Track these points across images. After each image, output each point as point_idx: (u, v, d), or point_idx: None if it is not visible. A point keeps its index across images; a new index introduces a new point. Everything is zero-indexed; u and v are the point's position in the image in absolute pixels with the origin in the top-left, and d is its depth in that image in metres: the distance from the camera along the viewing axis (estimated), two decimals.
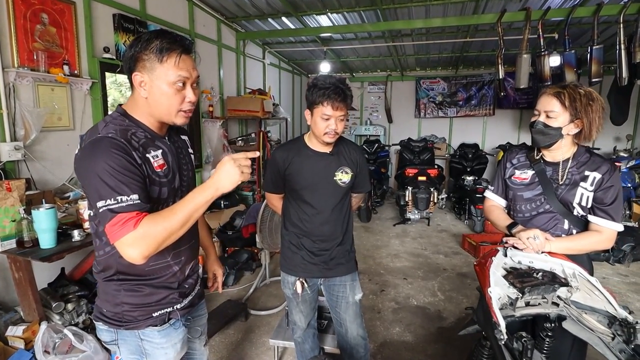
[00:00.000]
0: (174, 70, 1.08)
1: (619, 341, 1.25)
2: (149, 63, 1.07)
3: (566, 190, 1.51)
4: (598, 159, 1.51)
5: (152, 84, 1.09)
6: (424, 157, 6.53)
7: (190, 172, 1.30)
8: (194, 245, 1.33)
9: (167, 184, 1.15)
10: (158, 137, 1.17)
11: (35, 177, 2.65)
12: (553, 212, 1.54)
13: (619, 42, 4.06)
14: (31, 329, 2.17)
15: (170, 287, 1.22)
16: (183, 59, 1.09)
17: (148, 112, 1.13)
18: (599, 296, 1.35)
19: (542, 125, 1.49)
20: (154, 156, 1.11)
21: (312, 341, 2.03)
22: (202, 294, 1.45)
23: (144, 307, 1.17)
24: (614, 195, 1.46)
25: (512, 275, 1.39)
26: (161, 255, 1.15)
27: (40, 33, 2.66)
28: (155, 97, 1.10)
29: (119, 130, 1.06)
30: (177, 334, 1.25)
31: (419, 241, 4.89)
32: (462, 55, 6.61)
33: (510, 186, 1.66)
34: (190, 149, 1.36)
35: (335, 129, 1.59)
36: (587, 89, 1.47)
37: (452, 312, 3.04)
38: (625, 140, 6.48)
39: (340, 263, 1.80)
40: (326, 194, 1.72)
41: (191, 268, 1.31)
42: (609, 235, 1.49)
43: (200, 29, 4.50)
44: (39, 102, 2.67)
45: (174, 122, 1.15)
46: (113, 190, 0.98)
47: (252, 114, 4.88)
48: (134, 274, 1.15)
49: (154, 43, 1.06)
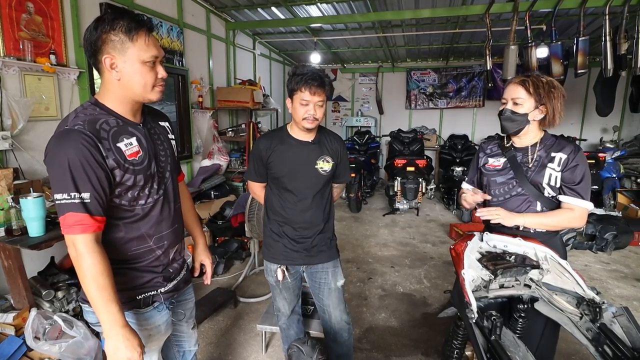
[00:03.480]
0: (145, 49, 1.09)
1: (586, 320, 1.32)
2: (119, 44, 1.06)
3: (535, 172, 1.60)
4: (563, 141, 1.62)
5: (125, 64, 1.08)
6: (414, 148, 6.59)
7: (169, 157, 1.30)
8: (178, 230, 1.35)
9: (142, 171, 1.15)
10: (132, 124, 1.17)
11: (24, 167, 2.65)
12: (525, 194, 1.62)
13: (604, 33, 4.11)
14: (21, 316, 2.20)
15: (154, 270, 1.25)
16: (150, 37, 1.11)
17: (122, 95, 1.13)
18: (569, 278, 1.42)
19: (510, 112, 1.59)
20: (127, 144, 1.11)
21: (297, 327, 2.08)
22: (189, 279, 1.48)
23: (127, 291, 1.19)
24: (581, 174, 1.55)
25: (485, 258, 1.45)
26: (143, 240, 1.20)
27: (26, 22, 2.64)
28: (129, 76, 1.09)
29: (88, 122, 1.06)
30: (160, 316, 1.28)
31: (408, 231, 4.97)
32: (452, 46, 6.64)
33: (484, 173, 1.75)
34: (170, 135, 1.36)
35: (314, 114, 1.63)
36: (548, 78, 1.58)
37: (437, 299, 3.12)
38: (611, 132, 6.60)
39: (321, 250, 1.84)
40: (307, 181, 1.76)
41: (176, 251, 1.34)
42: (580, 213, 1.57)
43: (189, 18, 4.47)
44: (25, 92, 2.65)
45: (150, 98, 1.15)
46: (68, 185, 1.01)
47: (242, 105, 4.88)
48: (117, 258, 1.16)
49: (120, 23, 1.05)
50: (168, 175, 1.29)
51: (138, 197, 1.16)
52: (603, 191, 5.36)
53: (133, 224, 1.18)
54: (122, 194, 1.13)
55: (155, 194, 1.22)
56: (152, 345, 1.28)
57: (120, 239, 1.17)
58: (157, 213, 1.23)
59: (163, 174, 1.26)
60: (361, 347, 2.48)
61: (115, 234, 1.16)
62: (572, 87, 6.25)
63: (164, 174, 1.26)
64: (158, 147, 1.26)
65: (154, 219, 1.22)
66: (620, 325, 1.25)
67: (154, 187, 1.20)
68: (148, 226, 1.21)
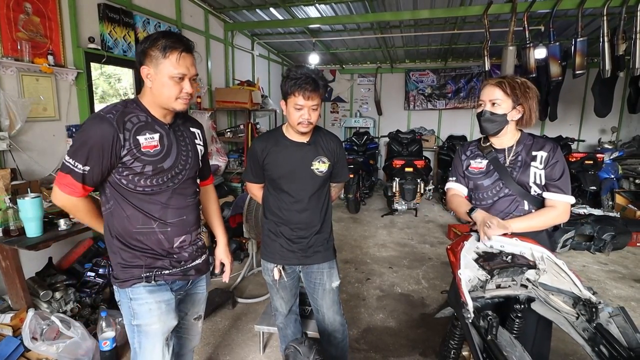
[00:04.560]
0: (174, 66, 1.27)
1: (582, 320, 1.32)
2: (155, 59, 1.27)
3: (521, 172, 1.63)
4: (541, 140, 1.67)
5: (156, 76, 1.29)
6: (412, 149, 6.59)
7: (191, 159, 1.44)
8: (186, 222, 1.45)
9: (152, 162, 1.31)
10: (159, 123, 1.36)
11: (21, 168, 2.65)
12: (512, 194, 1.64)
13: (602, 34, 4.13)
14: (19, 317, 2.20)
15: (158, 254, 1.39)
16: (183, 56, 1.29)
17: (152, 100, 1.34)
18: (565, 278, 1.42)
19: (490, 113, 1.63)
20: (147, 138, 1.30)
21: (294, 326, 2.08)
22: (202, 270, 1.56)
23: (133, 268, 1.36)
24: (561, 170, 1.59)
25: (482, 259, 1.45)
26: (147, 221, 1.36)
27: (24, 23, 2.64)
28: (158, 87, 1.30)
29: (120, 113, 1.27)
30: (161, 294, 1.40)
31: (406, 231, 4.97)
32: (450, 47, 6.66)
33: (469, 177, 1.76)
34: (198, 141, 1.52)
35: (308, 118, 1.62)
36: (522, 79, 1.63)
37: (435, 299, 3.12)
38: (610, 133, 6.61)
39: (317, 251, 1.83)
40: (303, 183, 1.75)
41: (183, 241, 1.44)
42: (564, 208, 1.59)
43: (187, 19, 4.47)
44: (23, 93, 2.66)
45: (174, 107, 1.33)
46: (75, 153, 1.23)
47: (241, 106, 4.88)
48: (124, 234, 1.35)
49: (160, 41, 1.26)
50: (184, 173, 1.42)
51: (142, 182, 1.32)
52: (601, 192, 5.36)
53: (138, 202, 1.34)
54: (129, 177, 1.30)
55: (163, 185, 1.36)
56: (153, 323, 1.38)
57: (128, 216, 1.35)
58: (162, 200, 1.37)
59: (180, 171, 1.40)
60: (359, 348, 2.48)
61: (125, 210, 1.34)
62: (570, 88, 6.27)
63: (181, 171, 1.40)
64: (181, 148, 1.41)
65: (159, 204, 1.37)
66: (617, 325, 1.25)
67: (162, 178, 1.35)
68: (152, 209, 1.36)
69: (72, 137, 1.24)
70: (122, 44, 3.50)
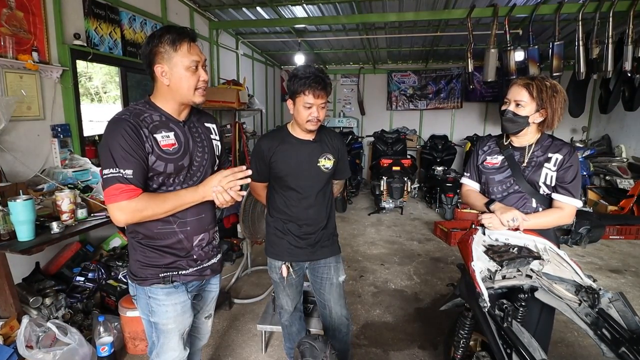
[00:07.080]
0: (187, 56, 1.27)
1: (585, 306, 1.40)
2: (166, 54, 1.26)
3: (532, 172, 1.68)
4: (559, 143, 1.70)
5: (172, 71, 1.28)
6: (397, 148, 6.70)
7: (207, 154, 1.43)
8: (204, 220, 1.44)
9: (173, 160, 1.31)
10: (174, 121, 1.35)
11: (6, 169, 2.52)
12: (522, 192, 1.70)
13: (577, 38, 4.34)
14: (9, 325, 2.10)
15: (177, 254, 1.38)
16: (192, 45, 1.29)
17: (170, 97, 1.33)
18: (567, 267, 1.50)
19: (512, 114, 1.65)
20: (163, 136, 1.29)
21: (299, 324, 2.10)
22: (217, 269, 1.56)
23: (152, 267, 1.36)
24: (574, 174, 1.64)
25: (491, 251, 1.51)
26: (167, 222, 1.34)
27: (6, 17, 2.52)
28: (176, 81, 1.29)
29: (134, 113, 1.27)
30: (178, 295, 1.41)
31: (394, 229, 5.05)
32: (432, 49, 6.81)
33: (482, 171, 1.81)
34: (214, 136, 1.50)
35: (317, 116, 1.66)
36: (552, 81, 1.64)
37: (428, 294, 3.20)
38: (581, 132, 6.94)
39: (324, 246, 1.88)
40: (310, 179, 1.79)
41: (201, 239, 1.44)
42: (570, 211, 1.66)
43: (172, 17, 4.39)
44: (7, 90, 2.54)
45: (194, 101, 1.34)
46: (114, 162, 1.20)
47: (228, 105, 4.83)
48: (145, 235, 1.35)
49: (166, 37, 1.26)
50: (202, 170, 1.41)
51: (165, 183, 1.32)
52: None
53: None
54: (153, 178, 1.29)
55: (184, 183, 1.35)
56: (169, 323, 1.40)
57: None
58: None
59: (198, 167, 1.39)
60: (359, 343, 2.51)
61: None
62: None
63: (198, 168, 1.39)
64: (197, 144, 1.40)
65: None
66: (617, 310, 1.33)
67: (182, 177, 1.35)
68: None
69: (98, 153, 1.33)
70: (108, 41, 3.39)
